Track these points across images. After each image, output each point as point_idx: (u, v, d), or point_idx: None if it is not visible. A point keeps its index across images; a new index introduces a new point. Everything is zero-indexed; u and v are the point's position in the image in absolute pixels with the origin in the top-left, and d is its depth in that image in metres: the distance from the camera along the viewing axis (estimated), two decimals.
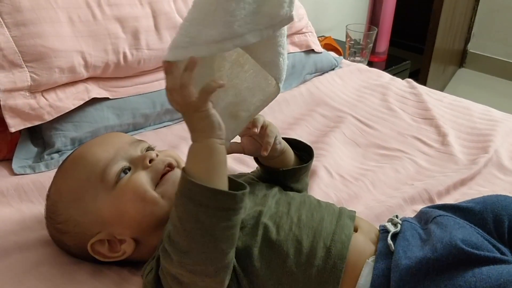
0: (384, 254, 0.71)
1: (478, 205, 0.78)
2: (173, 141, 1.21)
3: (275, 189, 0.84)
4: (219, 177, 0.64)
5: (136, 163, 0.78)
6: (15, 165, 1.05)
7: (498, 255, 0.68)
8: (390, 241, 0.73)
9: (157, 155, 0.79)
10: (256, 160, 0.91)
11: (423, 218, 0.80)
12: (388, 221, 0.79)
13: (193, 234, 0.61)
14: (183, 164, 0.82)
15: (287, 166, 0.88)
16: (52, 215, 0.79)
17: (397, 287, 0.67)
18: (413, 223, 0.78)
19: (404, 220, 0.79)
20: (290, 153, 0.90)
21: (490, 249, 0.69)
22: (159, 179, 0.77)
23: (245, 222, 0.73)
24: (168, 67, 0.63)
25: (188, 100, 0.64)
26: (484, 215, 0.76)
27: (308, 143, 0.94)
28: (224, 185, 0.64)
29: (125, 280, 0.79)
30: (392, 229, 0.76)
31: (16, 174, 1.04)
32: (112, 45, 1.17)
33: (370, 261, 0.71)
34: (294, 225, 0.73)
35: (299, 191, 0.91)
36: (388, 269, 0.69)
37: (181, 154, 1.12)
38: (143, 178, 0.76)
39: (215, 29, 0.62)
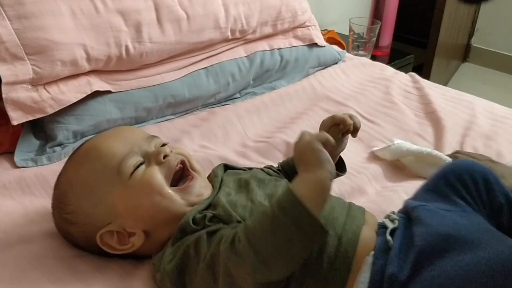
0: (383, 249, 0.71)
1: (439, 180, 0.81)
2: (175, 135, 1.21)
3: (284, 181, 0.86)
4: (323, 211, 0.65)
5: (150, 158, 0.79)
6: (17, 158, 1.05)
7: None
8: (389, 237, 0.73)
9: (171, 151, 0.80)
10: None
11: (406, 211, 0.80)
12: (385, 218, 0.79)
13: (282, 251, 0.62)
14: (194, 163, 0.84)
15: None
16: (60, 204, 0.79)
17: (391, 283, 0.66)
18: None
19: (401, 216, 0.79)
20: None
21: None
22: (172, 176, 0.79)
23: None
24: None
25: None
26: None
27: None
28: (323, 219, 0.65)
29: (129, 274, 0.79)
30: (390, 225, 0.76)
31: (18, 167, 1.04)
32: (114, 38, 1.16)
33: (370, 256, 0.71)
34: None
35: None
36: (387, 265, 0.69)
37: (183, 147, 1.13)
38: (157, 173, 0.77)
39: None
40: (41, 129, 1.12)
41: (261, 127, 1.29)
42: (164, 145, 0.84)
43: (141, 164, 0.78)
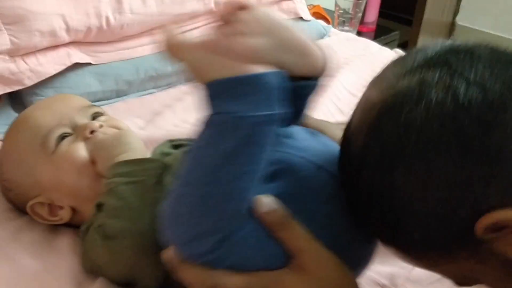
0: None
1: None
2: (157, 109, 1.19)
3: None
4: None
5: (78, 132, 0.76)
6: None
7: None
8: None
9: (101, 126, 0.76)
10: None
11: None
12: None
13: None
14: (132, 140, 0.75)
15: None
16: (0, 168, 0.79)
17: None
18: None
19: None
20: None
21: None
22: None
23: None
24: None
25: None
26: None
27: None
28: None
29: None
30: None
31: None
32: (94, 9, 1.13)
33: None
34: None
35: None
36: None
37: (165, 121, 1.11)
38: (80, 150, 0.73)
39: None
40: (20, 101, 1.09)
41: None
42: (99, 114, 0.79)
43: (66, 136, 0.75)
